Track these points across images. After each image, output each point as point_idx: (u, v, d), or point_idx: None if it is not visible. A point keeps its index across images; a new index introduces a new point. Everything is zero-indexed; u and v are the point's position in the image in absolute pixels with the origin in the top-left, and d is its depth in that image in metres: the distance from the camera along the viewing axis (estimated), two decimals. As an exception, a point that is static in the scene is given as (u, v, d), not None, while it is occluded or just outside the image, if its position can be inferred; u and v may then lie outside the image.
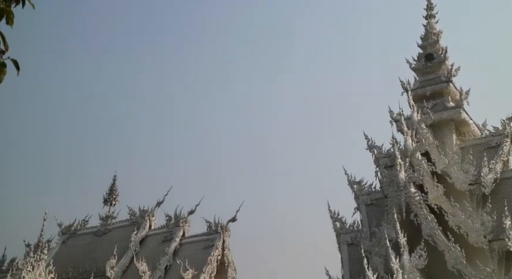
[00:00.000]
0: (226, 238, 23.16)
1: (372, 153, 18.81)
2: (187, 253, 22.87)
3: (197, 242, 23.68)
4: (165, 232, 24.69)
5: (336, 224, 18.12)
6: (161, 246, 23.72)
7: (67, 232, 26.66)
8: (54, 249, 25.11)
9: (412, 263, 13.72)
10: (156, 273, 21.88)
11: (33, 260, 8.79)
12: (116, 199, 27.08)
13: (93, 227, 26.51)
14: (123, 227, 25.62)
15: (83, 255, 24.41)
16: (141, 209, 26.09)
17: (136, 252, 23.38)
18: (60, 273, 17.01)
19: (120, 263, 22.71)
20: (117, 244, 23.16)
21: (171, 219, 25.08)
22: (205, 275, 21.06)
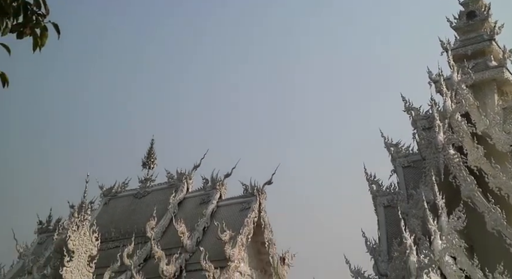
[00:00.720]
0: (262, 201, 23.43)
1: (409, 115, 18.48)
2: (224, 215, 23.30)
3: (234, 204, 24.06)
4: (202, 195, 25.16)
5: (373, 186, 18.04)
6: (199, 209, 24.23)
7: (108, 194, 27.51)
8: (97, 210, 26.01)
9: (451, 224, 13.60)
10: (195, 234, 22.44)
11: (78, 221, 9.15)
12: (154, 162, 27.66)
13: (132, 189, 27.25)
14: (161, 190, 26.24)
15: (124, 217, 25.22)
16: (179, 172, 26.60)
17: (175, 214, 23.98)
18: (103, 233, 17.63)
19: (160, 224, 23.36)
20: (156, 206, 23.78)
21: (208, 182, 25.50)
22: (242, 236, 21.46)
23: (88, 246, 9.13)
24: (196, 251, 21.48)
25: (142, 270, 20.70)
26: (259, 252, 23.37)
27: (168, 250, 21.36)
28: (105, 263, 19.56)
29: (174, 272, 20.44)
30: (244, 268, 22.14)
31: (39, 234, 27.41)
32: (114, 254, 20.90)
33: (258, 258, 23.37)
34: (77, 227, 9.16)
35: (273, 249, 23.27)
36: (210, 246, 21.26)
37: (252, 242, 22.84)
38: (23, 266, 24.23)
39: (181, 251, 21.42)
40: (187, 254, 21.60)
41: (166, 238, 22.99)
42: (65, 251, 8.50)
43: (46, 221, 27.57)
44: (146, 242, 22.31)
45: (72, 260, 8.69)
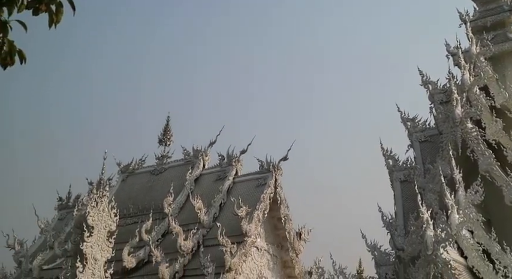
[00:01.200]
0: (278, 177, 23.49)
1: (426, 89, 18.24)
2: (240, 191, 23.45)
3: (250, 180, 24.18)
4: (219, 171, 25.31)
5: (389, 161, 17.95)
6: (215, 185, 24.41)
7: (126, 171, 27.83)
8: (115, 187, 26.37)
9: (468, 198, 13.51)
10: (211, 210, 22.66)
11: (97, 197, 9.28)
12: (170, 139, 27.84)
13: (149, 166, 27.52)
14: (178, 166, 26.45)
15: (142, 193, 25.54)
16: (195, 149, 26.75)
17: (192, 191, 24.20)
18: (122, 209, 17.90)
19: (177, 200, 23.62)
20: (173, 183, 24.01)
21: (224, 158, 25.62)
22: (259, 212, 21.61)
23: (107, 222, 9.28)
24: (213, 227, 21.73)
25: (161, 246, 21.03)
26: (275, 228, 23.56)
27: (185, 226, 21.64)
28: (124, 239, 19.93)
29: (191, 247, 20.74)
30: (260, 243, 22.37)
31: (59, 211, 27.95)
32: (133, 230, 21.26)
33: (274, 233, 23.57)
34: (96, 203, 9.30)
35: (289, 225, 23.43)
36: (226, 221, 21.47)
37: (268, 218, 23.02)
38: (44, 241, 24.79)
39: (199, 227, 21.68)
40: (205, 229, 21.87)
41: (183, 214, 23.27)
42: (85, 227, 8.66)
43: (66, 198, 28.08)
44: (164, 218, 22.61)
45: (92, 235, 8.85)
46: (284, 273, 23.42)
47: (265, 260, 22.50)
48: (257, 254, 22.03)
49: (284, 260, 23.55)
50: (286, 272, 23.51)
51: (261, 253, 22.34)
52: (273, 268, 22.83)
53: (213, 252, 19.58)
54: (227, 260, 19.17)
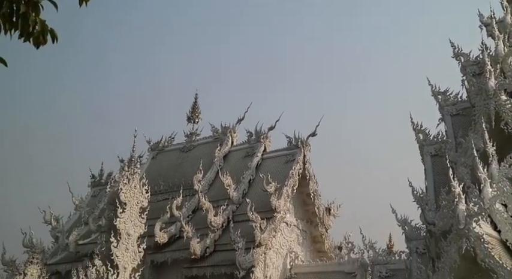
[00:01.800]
0: (306, 152, 23.47)
1: (458, 61, 17.77)
2: (269, 167, 23.54)
3: (278, 156, 24.22)
4: (247, 148, 25.41)
5: (419, 135, 17.68)
6: (244, 161, 24.55)
7: (156, 149, 28.21)
8: (145, 164, 26.80)
9: (502, 172, 13.23)
10: (241, 186, 22.84)
11: (128, 174, 9.46)
12: (198, 117, 28.01)
13: (179, 143, 27.82)
14: (206, 144, 26.66)
15: (171, 170, 25.89)
16: (223, 126, 26.88)
17: (221, 167, 24.41)
18: (152, 186, 18.21)
19: (206, 177, 23.88)
20: (202, 160, 24.25)
21: (252, 135, 25.68)
22: (288, 188, 21.69)
23: (139, 199, 9.47)
24: (242, 203, 21.94)
25: (191, 221, 21.38)
26: (304, 203, 23.65)
27: (215, 202, 21.91)
28: (156, 215, 20.32)
29: (221, 223, 21.02)
30: (290, 219, 22.52)
31: (93, 188, 28.64)
32: (164, 206, 21.65)
33: (303, 209, 23.67)
34: (128, 180, 9.48)
35: (318, 200, 23.48)
36: (256, 198, 21.64)
37: (298, 194, 23.09)
38: (79, 217, 25.50)
39: (228, 203, 21.92)
40: (234, 205, 22.10)
41: (213, 190, 23.54)
42: (118, 203, 8.86)
43: (98, 175, 28.72)
44: (194, 195, 22.93)
45: (124, 212, 9.06)
46: (314, 248, 23.59)
47: (294, 235, 22.66)
48: (287, 230, 22.20)
49: (314, 235, 23.68)
50: (316, 247, 23.67)
51: (291, 228, 22.50)
52: (302, 243, 23.00)
53: (242, 227, 19.81)
54: (257, 235, 19.38)
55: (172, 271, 20.43)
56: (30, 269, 16.48)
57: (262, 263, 20.01)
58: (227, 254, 19.40)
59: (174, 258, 20.26)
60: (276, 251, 21.15)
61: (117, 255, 8.41)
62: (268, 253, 20.54)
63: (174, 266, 20.27)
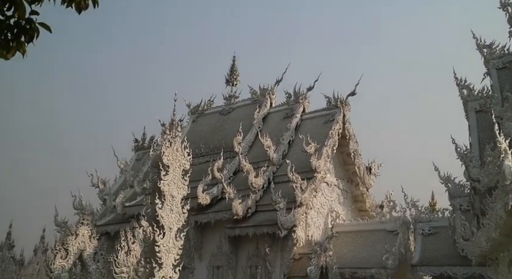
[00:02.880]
0: (346, 112, 23.21)
1: (505, 12, 16.94)
2: (308, 128, 23.45)
3: (317, 117, 24.06)
4: (286, 109, 25.33)
5: (463, 91, 17.16)
6: (283, 123, 24.53)
7: (195, 112, 28.51)
8: (186, 128, 27.18)
9: (550, 126, 12.80)
10: (280, 147, 22.92)
11: (170, 137, 9.62)
12: (236, 79, 28.00)
13: (218, 106, 28.00)
14: (245, 106, 26.72)
15: (212, 133, 26.19)
16: (261, 87, 26.79)
17: (260, 129, 24.49)
18: (194, 149, 18.45)
19: (246, 139, 24.05)
20: (241, 122, 24.38)
21: (291, 96, 25.53)
22: (328, 148, 21.62)
23: (181, 161, 9.65)
24: (282, 164, 22.06)
25: (233, 183, 21.71)
26: (345, 163, 23.59)
27: (255, 163, 22.11)
28: (198, 177, 20.73)
29: (262, 184, 21.26)
30: (330, 178, 22.55)
31: (136, 152, 29.38)
32: (205, 169, 22.02)
33: (344, 168, 23.63)
34: (170, 143, 9.65)
35: (359, 160, 23.35)
36: (296, 158, 21.70)
37: (338, 153, 23.02)
38: (124, 180, 26.31)
39: (268, 164, 22.09)
40: (274, 166, 22.26)
41: (253, 152, 23.73)
42: (161, 166, 9.06)
43: (141, 139, 29.40)
44: (234, 157, 23.19)
45: (168, 174, 9.27)
46: (355, 207, 23.64)
47: (335, 195, 22.74)
48: (327, 189, 22.28)
49: (354, 195, 23.70)
50: (357, 206, 23.71)
51: (331, 188, 22.57)
52: (343, 202, 23.08)
53: (283, 188, 19.99)
54: (298, 196, 19.54)
55: (216, 231, 20.95)
56: (81, 229, 17.22)
57: (304, 223, 20.26)
58: (268, 214, 19.69)
59: (216, 219, 20.73)
60: (317, 211, 21.33)
61: (162, 216, 8.67)
62: (309, 213, 20.74)
63: (217, 226, 20.76)
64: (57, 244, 17.00)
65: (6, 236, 25.72)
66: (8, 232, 25.88)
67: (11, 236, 25.76)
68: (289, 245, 19.21)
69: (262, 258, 19.57)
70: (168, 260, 8.45)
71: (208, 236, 21.38)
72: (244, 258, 20.18)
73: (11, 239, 25.66)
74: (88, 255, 17.29)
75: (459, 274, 15.64)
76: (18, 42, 2.45)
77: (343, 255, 18.54)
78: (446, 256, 16.35)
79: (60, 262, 16.48)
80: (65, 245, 16.76)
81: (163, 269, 8.31)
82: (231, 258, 20.36)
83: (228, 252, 20.52)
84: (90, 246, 17.40)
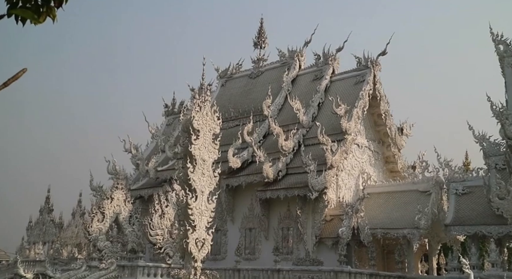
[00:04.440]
0: (376, 72, 22.79)
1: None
2: (338, 90, 23.15)
3: (347, 78, 23.71)
4: (315, 71, 25.01)
5: (499, 47, 16.53)
6: (312, 85, 24.27)
7: (224, 76, 28.43)
8: (215, 92, 27.19)
9: None
10: (310, 110, 22.75)
11: (199, 102, 9.63)
12: (264, 42, 27.67)
13: (246, 70, 27.82)
14: (274, 69, 26.48)
15: (241, 97, 26.14)
16: (290, 50, 26.44)
17: (289, 92, 24.31)
18: (223, 113, 18.48)
19: (275, 102, 23.93)
20: (270, 85, 24.22)
21: (320, 57, 25.14)
22: (358, 110, 21.36)
23: (211, 125, 9.68)
24: (312, 126, 21.94)
25: (263, 146, 21.76)
26: (376, 124, 23.32)
27: (285, 126, 22.05)
28: (228, 141, 20.84)
29: (292, 147, 21.25)
30: (361, 140, 22.37)
31: (167, 117, 29.66)
32: (235, 133, 22.10)
33: (374, 130, 23.37)
34: (199, 108, 9.68)
35: (390, 121, 23.04)
36: (325, 121, 21.54)
37: (368, 115, 22.74)
38: (156, 145, 26.70)
39: (298, 127, 22.00)
40: (304, 129, 22.16)
41: (282, 115, 23.64)
42: (191, 130, 9.11)
43: (171, 104, 29.62)
44: (264, 120, 23.16)
45: (198, 138, 9.32)
46: (386, 169, 23.48)
47: (366, 156, 22.59)
48: (358, 151, 22.14)
49: (386, 156, 23.50)
50: (389, 167, 23.54)
51: (362, 150, 22.41)
52: (374, 164, 22.94)
53: (313, 150, 19.94)
54: (328, 158, 19.48)
55: (247, 194, 21.18)
56: (116, 193, 17.65)
57: (335, 185, 20.26)
58: (299, 177, 19.74)
59: (247, 182, 20.92)
60: (348, 173, 21.28)
61: (194, 180, 8.77)
62: (340, 175, 20.71)
63: (248, 189, 20.97)
64: (94, 208, 17.51)
65: (45, 200, 26.67)
66: (47, 197, 26.81)
67: (50, 200, 26.69)
68: (321, 207, 19.31)
69: (294, 220, 19.77)
70: (201, 222, 8.59)
71: (240, 199, 21.65)
72: (276, 220, 20.42)
73: (50, 203, 26.60)
74: (123, 218, 17.77)
75: (494, 233, 15.50)
76: (48, 7, 2.44)
77: (374, 216, 18.56)
78: (480, 215, 16.19)
79: (97, 225, 16.99)
80: (101, 208, 17.25)
81: (196, 231, 8.46)
82: (263, 220, 20.63)
83: (259, 214, 20.78)
84: (125, 209, 17.86)
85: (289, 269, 16.37)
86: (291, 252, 19.51)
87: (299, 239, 19.53)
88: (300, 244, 19.46)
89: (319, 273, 15.60)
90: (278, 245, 19.71)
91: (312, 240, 19.07)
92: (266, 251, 19.89)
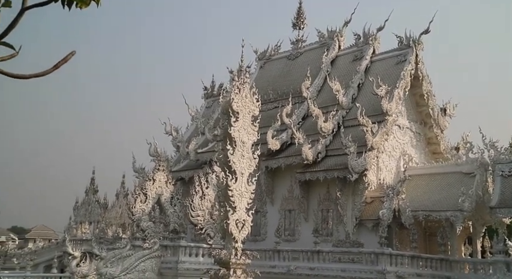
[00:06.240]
0: (419, 52, 22.24)
1: None
2: (378, 70, 22.74)
3: (388, 58, 23.24)
4: (355, 51, 24.61)
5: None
6: (352, 65, 23.92)
7: (263, 58, 28.34)
8: (254, 74, 27.17)
9: None
10: (350, 91, 22.47)
11: (239, 84, 9.65)
12: (303, 23, 27.35)
13: (285, 51, 27.64)
14: (313, 50, 26.20)
15: (279, 78, 26.04)
16: (329, 30, 26.08)
17: (329, 73, 24.04)
18: (262, 95, 18.46)
19: (314, 83, 23.74)
20: (309, 66, 24.01)
21: (360, 37, 24.70)
22: (399, 90, 20.95)
23: (250, 108, 9.70)
24: (352, 108, 21.68)
25: (302, 128, 21.69)
26: (417, 105, 22.83)
27: (324, 108, 21.87)
28: (267, 123, 20.85)
29: (331, 129, 21.08)
30: (402, 121, 21.97)
31: (206, 99, 29.90)
32: (274, 114, 22.09)
33: (416, 110, 22.90)
34: (239, 90, 9.70)
35: (433, 101, 22.51)
36: (366, 102, 21.23)
37: (410, 95, 22.28)
38: (196, 127, 27.01)
39: (338, 108, 21.79)
40: (344, 110, 21.93)
41: (321, 97, 23.45)
42: (231, 113, 9.16)
43: (210, 87, 29.82)
44: (303, 102, 23.04)
45: (237, 120, 9.36)
46: (428, 150, 23.03)
47: (407, 137, 22.20)
48: (399, 132, 21.77)
49: (428, 137, 23.03)
50: (431, 149, 23.08)
51: (403, 131, 22.03)
52: (416, 145, 22.52)
53: (353, 132, 19.74)
54: (368, 139, 19.25)
55: (286, 176, 21.23)
56: (158, 175, 18.01)
57: (375, 166, 20.05)
58: (339, 159, 19.62)
59: (287, 164, 20.94)
60: (388, 154, 20.99)
61: (234, 162, 8.84)
62: (381, 156, 20.45)
63: (287, 171, 21.00)
64: (137, 189, 17.95)
65: (90, 182, 27.50)
66: (92, 178, 27.63)
67: (95, 181, 27.50)
68: (361, 188, 19.18)
69: (334, 202, 19.72)
70: (241, 204, 8.69)
71: (279, 181, 21.73)
72: (316, 202, 20.42)
73: (94, 185, 27.42)
74: (165, 199, 18.16)
75: (541, 216, 15.06)
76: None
77: (416, 198, 18.30)
78: (527, 198, 15.73)
79: (140, 206, 17.43)
80: (144, 189, 17.66)
81: (236, 212, 8.56)
82: (302, 202, 20.67)
83: (299, 196, 20.82)
84: (166, 191, 18.23)
85: (329, 251, 16.40)
86: (331, 234, 19.52)
87: (339, 221, 19.50)
88: (339, 226, 19.43)
89: (360, 255, 15.57)
90: (318, 226, 19.74)
91: (352, 222, 19.01)
92: (305, 232, 19.96)
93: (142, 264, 16.23)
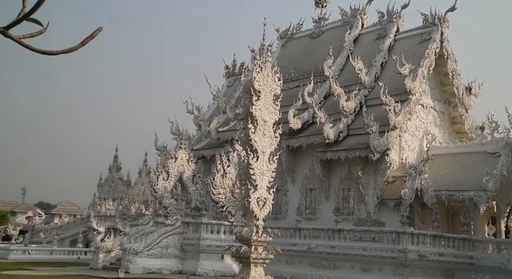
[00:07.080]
0: (444, 30, 21.79)
1: None
2: (402, 48, 22.38)
3: (412, 36, 22.84)
4: (378, 29, 24.23)
5: None
6: (375, 44, 23.58)
7: (284, 36, 28.11)
8: (276, 53, 26.99)
9: None
10: (372, 70, 22.20)
11: (260, 62, 9.60)
12: (326, 1, 26.96)
13: (307, 30, 27.36)
14: (335, 28, 25.88)
15: (301, 57, 25.83)
16: (352, 8, 25.69)
17: (351, 51, 23.75)
18: (284, 74, 18.37)
19: (337, 62, 23.50)
20: (331, 45, 23.74)
21: (384, 15, 24.29)
22: (423, 69, 20.63)
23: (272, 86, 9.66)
24: (375, 87, 21.44)
25: (323, 107, 21.57)
26: (442, 84, 22.46)
27: (346, 87, 21.69)
28: (288, 102, 20.78)
29: (354, 108, 20.92)
30: (426, 100, 21.68)
31: (227, 78, 29.89)
32: (295, 93, 21.99)
33: (440, 89, 22.54)
34: (260, 68, 9.66)
35: (457, 80, 22.12)
36: (389, 81, 20.97)
37: (434, 74, 21.92)
38: (217, 106, 27.08)
39: (360, 87, 21.58)
40: (366, 89, 21.71)
41: (344, 76, 23.23)
42: (252, 91, 9.14)
43: (231, 66, 29.76)
44: (325, 81, 22.86)
45: (259, 99, 9.34)
46: (452, 130, 22.72)
47: (431, 117, 21.93)
48: (423, 112, 21.50)
49: (452, 116, 22.71)
50: (455, 128, 22.77)
51: (427, 110, 21.74)
52: (440, 125, 22.24)
53: (376, 111, 19.56)
54: (391, 119, 19.07)
55: (307, 155, 21.21)
56: (179, 153, 18.18)
57: (397, 146, 19.89)
58: (361, 138, 19.50)
59: (308, 143, 20.91)
60: (411, 134, 20.79)
61: (255, 141, 8.86)
62: (404, 136, 20.27)
63: (308, 150, 20.98)
64: (159, 167, 18.15)
65: (114, 159, 27.92)
66: (115, 155, 28.05)
67: (118, 159, 27.91)
68: (383, 168, 19.08)
69: (355, 181, 19.69)
70: (263, 182, 8.73)
71: (300, 160, 21.74)
72: (337, 181, 20.41)
73: (118, 162, 27.83)
74: (187, 177, 18.33)
75: None
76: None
77: (439, 178, 18.14)
78: (553, 179, 15.46)
79: (163, 183, 17.65)
80: (166, 167, 17.85)
81: (258, 190, 8.62)
82: (323, 181, 20.67)
83: (320, 175, 20.82)
84: (188, 169, 18.40)
85: (350, 229, 16.44)
86: (352, 213, 19.54)
87: (360, 200, 19.49)
88: (361, 205, 19.43)
89: (381, 233, 15.58)
90: (339, 205, 19.76)
91: (373, 202, 18.98)
92: (326, 211, 20.02)
93: (165, 240, 16.54)
